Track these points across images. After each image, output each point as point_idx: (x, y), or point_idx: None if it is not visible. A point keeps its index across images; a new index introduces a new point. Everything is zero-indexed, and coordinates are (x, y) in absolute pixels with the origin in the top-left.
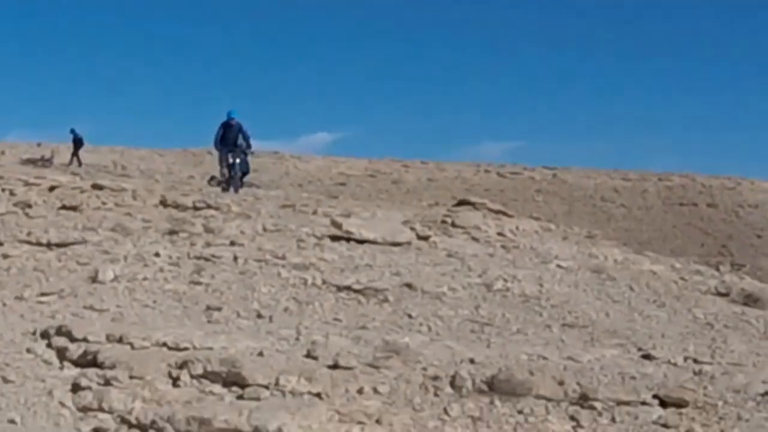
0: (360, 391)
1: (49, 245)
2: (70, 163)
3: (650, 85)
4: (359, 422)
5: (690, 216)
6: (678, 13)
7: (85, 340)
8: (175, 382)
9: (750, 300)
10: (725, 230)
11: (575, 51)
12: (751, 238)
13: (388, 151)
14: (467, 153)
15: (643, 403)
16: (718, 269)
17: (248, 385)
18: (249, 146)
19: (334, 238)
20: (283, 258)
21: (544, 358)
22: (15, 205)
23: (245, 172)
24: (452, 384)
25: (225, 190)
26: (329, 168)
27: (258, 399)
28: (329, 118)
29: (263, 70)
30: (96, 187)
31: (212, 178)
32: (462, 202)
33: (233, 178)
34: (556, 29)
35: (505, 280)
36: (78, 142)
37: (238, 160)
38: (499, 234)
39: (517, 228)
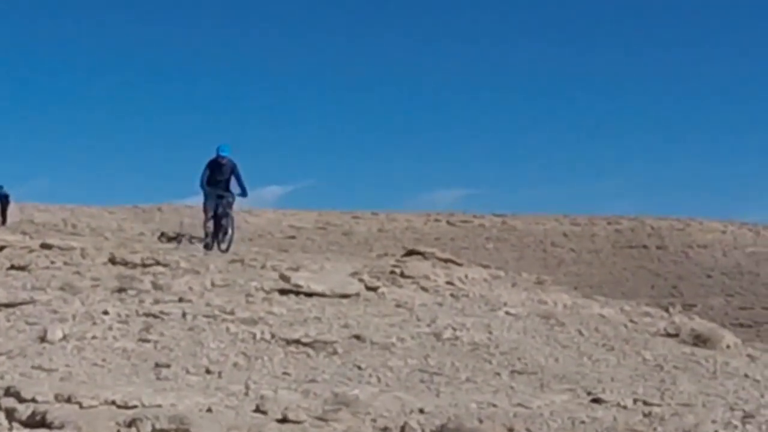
0: None
1: None
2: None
3: (596, 129)
4: None
5: (640, 258)
6: (616, 52)
7: (33, 400)
8: None
9: (699, 340)
10: (675, 271)
11: (522, 98)
12: (701, 278)
13: (340, 202)
14: (419, 202)
15: None
16: (667, 310)
17: None
18: (244, 192)
19: (283, 292)
20: (232, 313)
21: (494, 405)
22: None
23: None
24: None
25: (208, 247)
26: (279, 221)
27: None
28: (280, 172)
29: (211, 125)
30: (45, 246)
31: (162, 234)
32: (411, 252)
33: (223, 233)
34: (503, 76)
35: (454, 329)
36: (4, 200)
37: (230, 211)
38: (448, 283)
39: (466, 276)
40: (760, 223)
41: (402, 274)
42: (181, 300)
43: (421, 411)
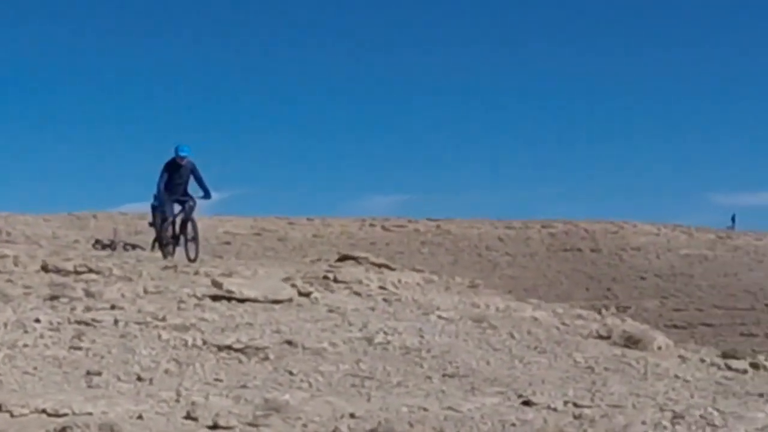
0: None
1: None
2: None
3: (530, 134)
4: None
5: (574, 261)
6: (547, 57)
7: None
8: None
9: (630, 342)
10: (609, 273)
11: (456, 103)
12: (635, 281)
13: (275, 208)
14: (354, 207)
15: None
16: (600, 313)
17: None
18: (208, 194)
19: (215, 298)
20: (164, 320)
21: (425, 409)
22: None
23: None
24: None
25: (169, 254)
26: (215, 227)
27: None
28: (215, 178)
29: (146, 133)
30: None
31: (97, 241)
32: (344, 257)
33: (190, 240)
34: (437, 82)
35: (386, 333)
36: None
37: (193, 214)
38: (381, 287)
39: (399, 281)
40: (693, 226)
41: (335, 279)
42: (113, 307)
43: (352, 415)
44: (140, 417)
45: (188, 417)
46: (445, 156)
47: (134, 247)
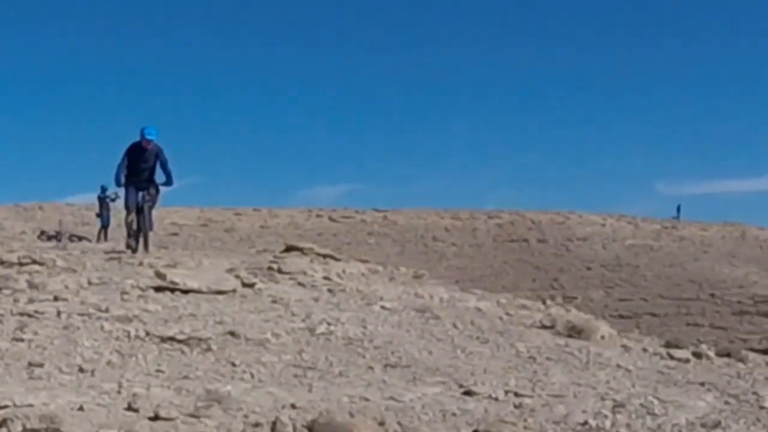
0: None
1: None
2: None
3: (477, 125)
4: None
5: (521, 252)
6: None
7: None
8: None
9: (574, 331)
10: (556, 264)
11: (401, 91)
12: (581, 271)
13: (222, 199)
14: (301, 198)
15: None
16: (545, 303)
17: None
18: (170, 180)
19: (159, 289)
20: (107, 311)
21: (366, 399)
22: None
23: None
24: (273, 430)
25: (133, 249)
26: (161, 218)
27: None
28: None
29: (92, 122)
30: None
31: (42, 233)
32: (290, 248)
33: (142, 228)
34: (383, 74)
35: (329, 324)
36: None
37: (150, 204)
38: (326, 278)
39: (343, 271)
40: (638, 216)
41: (279, 270)
42: (56, 299)
43: (293, 406)
44: (81, 408)
45: (129, 408)
46: (393, 147)
47: (80, 238)
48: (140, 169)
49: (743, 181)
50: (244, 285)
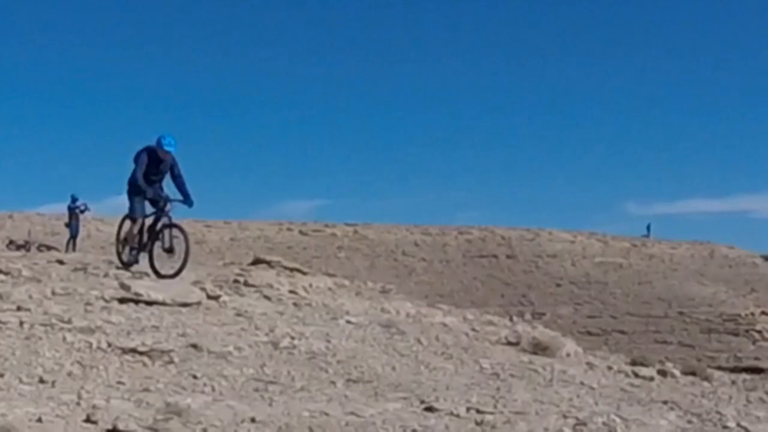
0: None
1: None
2: None
3: (447, 141)
4: None
5: (490, 267)
6: (464, 66)
7: None
8: None
9: (539, 348)
10: (525, 280)
11: (373, 109)
12: (550, 287)
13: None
14: (272, 212)
15: None
16: (512, 319)
17: None
18: (189, 198)
19: (123, 301)
20: (69, 322)
21: (327, 414)
22: None
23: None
24: None
25: (132, 263)
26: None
27: None
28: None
29: (62, 133)
30: None
31: (11, 242)
32: (257, 261)
33: (167, 248)
34: (355, 89)
35: (293, 338)
36: None
37: (169, 217)
38: (292, 291)
39: (310, 285)
40: (608, 234)
41: (245, 283)
42: (19, 308)
43: (253, 420)
44: (39, 420)
45: (88, 420)
46: (364, 162)
47: (49, 248)
48: (151, 178)
49: (713, 200)
50: (209, 297)
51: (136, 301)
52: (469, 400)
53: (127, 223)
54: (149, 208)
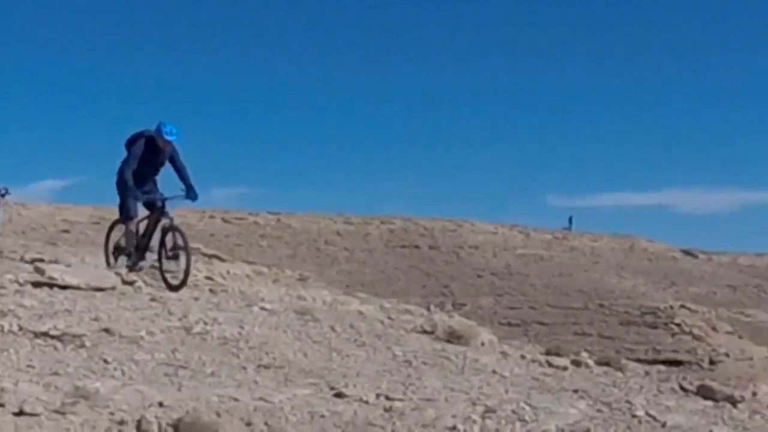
0: None
1: None
2: None
3: (371, 131)
4: None
5: (412, 258)
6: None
7: None
8: None
9: (453, 337)
10: (447, 271)
11: (298, 97)
12: (471, 278)
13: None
14: None
15: None
16: (429, 308)
17: None
18: (193, 191)
19: (37, 285)
20: None
21: (235, 399)
22: None
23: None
24: (138, 428)
25: (134, 267)
26: (53, 215)
27: None
28: (57, 166)
29: None
30: None
31: None
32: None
33: (172, 255)
34: (280, 74)
35: (206, 323)
36: None
37: (171, 218)
38: (208, 278)
39: (228, 272)
40: (530, 226)
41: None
42: None
43: (161, 404)
44: None
45: None
46: (288, 150)
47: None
48: (148, 173)
49: (635, 194)
50: (124, 282)
51: (51, 285)
52: (379, 386)
53: (117, 230)
54: (143, 210)
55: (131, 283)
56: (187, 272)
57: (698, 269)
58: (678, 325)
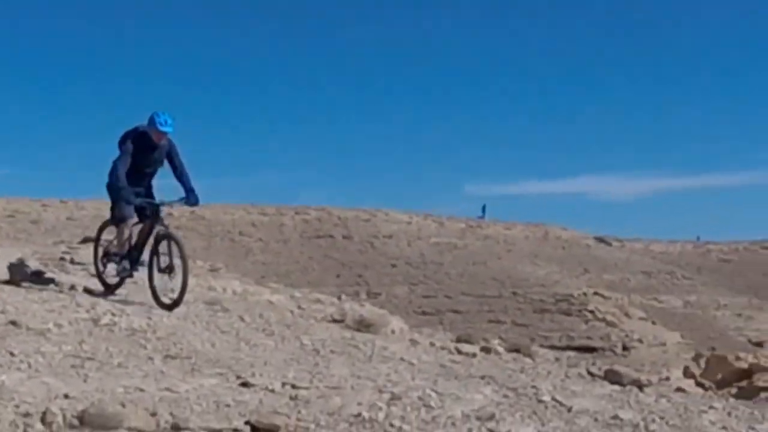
0: None
1: None
2: None
3: (285, 120)
4: None
5: (327, 248)
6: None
7: None
8: None
9: (362, 325)
10: (361, 261)
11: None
12: (386, 268)
13: (31, 191)
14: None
15: (235, 430)
16: (340, 297)
17: None
18: (193, 194)
19: None
20: None
21: (141, 390)
22: None
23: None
24: (43, 420)
25: (124, 274)
26: None
27: None
28: None
29: None
30: None
31: None
32: (86, 239)
33: (167, 268)
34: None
35: (114, 315)
36: None
37: (166, 225)
38: None
39: None
40: (444, 215)
41: (72, 261)
42: None
43: (66, 396)
44: None
45: None
46: (202, 140)
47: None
48: (143, 172)
49: (550, 182)
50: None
51: None
52: (285, 375)
53: (107, 234)
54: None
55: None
56: (183, 289)
57: (611, 256)
58: (592, 311)
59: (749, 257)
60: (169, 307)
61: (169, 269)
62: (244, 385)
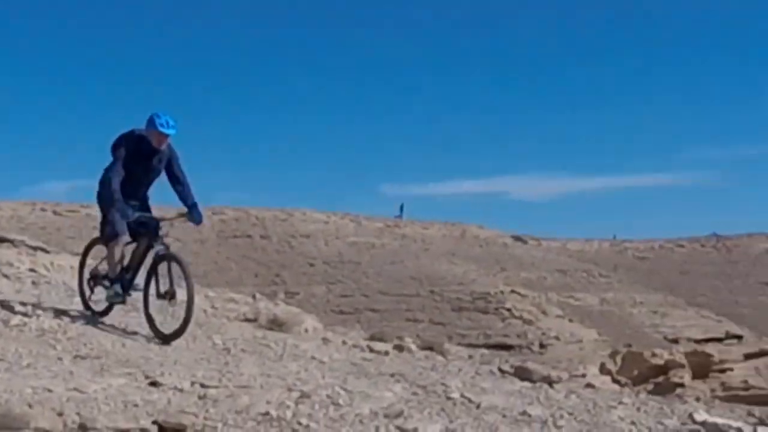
0: None
1: None
2: None
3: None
4: None
5: (245, 248)
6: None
7: None
8: None
9: (275, 324)
10: (279, 260)
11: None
12: (304, 267)
13: None
14: (27, 192)
15: (143, 430)
16: (254, 297)
17: None
18: (196, 209)
19: None
20: None
21: (49, 390)
22: None
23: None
24: None
25: (117, 299)
26: None
27: None
28: None
29: None
30: None
31: None
32: (1, 240)
33: (169, 294)
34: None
35: (24, 315)
36: None
37: (166, 244)
38: (32, 270)
39: (52, 263)
40: (362, 214)
41: None
42: None
43: None
44: None
45: None
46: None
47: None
48: (139, 181)
49: (468, 181)
50: None
51: None
52: (195, 374)
53: (96, 252)
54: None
55: None
56: (188, 317)
57: (528, 255)
58: (509, 309)
59: (664, 255)
60: (169, 338)
61: (170, 294)
62: (153, 384)
